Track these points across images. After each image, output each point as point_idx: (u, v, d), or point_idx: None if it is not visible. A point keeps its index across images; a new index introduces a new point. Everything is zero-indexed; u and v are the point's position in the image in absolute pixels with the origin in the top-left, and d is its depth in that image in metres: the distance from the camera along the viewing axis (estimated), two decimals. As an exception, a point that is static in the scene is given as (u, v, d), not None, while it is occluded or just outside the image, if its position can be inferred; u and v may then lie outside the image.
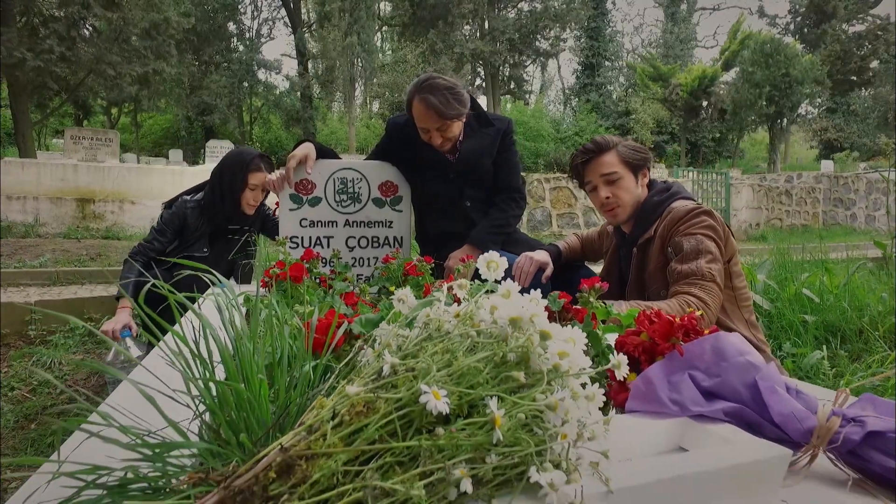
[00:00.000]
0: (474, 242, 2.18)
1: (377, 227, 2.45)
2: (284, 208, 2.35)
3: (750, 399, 0.65)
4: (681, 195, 1.73)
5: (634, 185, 1.75)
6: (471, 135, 2.27)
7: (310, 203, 2.37)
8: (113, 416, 0.54)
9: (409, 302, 0.64)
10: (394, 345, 0.59)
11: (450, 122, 2.09)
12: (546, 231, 8.71)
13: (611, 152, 1.75)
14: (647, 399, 0.67)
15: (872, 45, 27.55)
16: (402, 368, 0.47)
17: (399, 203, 2.46)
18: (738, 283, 1.66)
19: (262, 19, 32.41)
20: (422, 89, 2.07)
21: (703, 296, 1.48)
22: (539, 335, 0.51)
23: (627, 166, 1.74)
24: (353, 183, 2.40)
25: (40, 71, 10.29)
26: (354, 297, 1.44)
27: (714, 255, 1.54)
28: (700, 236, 1.56)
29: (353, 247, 2.43)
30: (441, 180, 2.31)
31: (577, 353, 0.54)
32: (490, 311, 0.56)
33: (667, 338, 0.70)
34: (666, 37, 35.35)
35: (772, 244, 10.09)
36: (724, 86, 26.48)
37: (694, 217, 1.59)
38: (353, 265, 2.43)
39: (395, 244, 2.47)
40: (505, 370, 0.51)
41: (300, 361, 0.68)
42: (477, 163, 2.27)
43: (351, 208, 2.41)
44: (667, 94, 26.46)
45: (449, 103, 2.04)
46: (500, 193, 2.33)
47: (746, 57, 23.21)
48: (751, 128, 26.51)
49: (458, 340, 0.52)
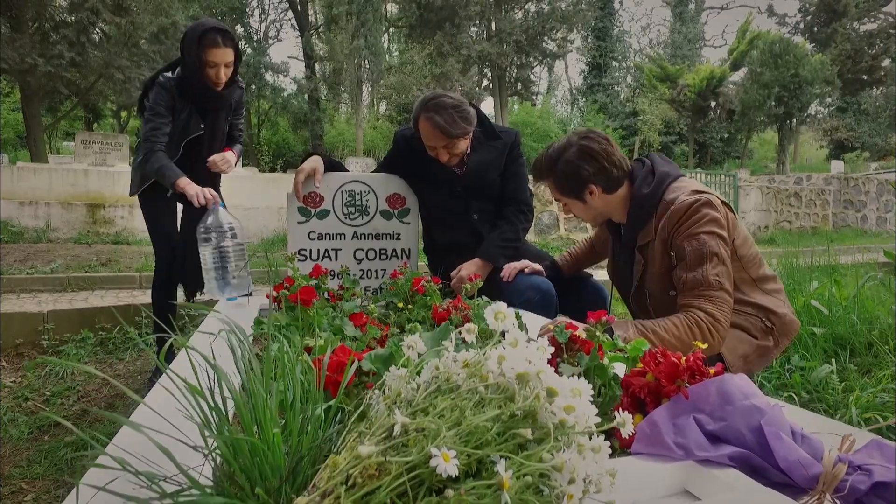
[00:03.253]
0: (484, 256, 2.19)
1: (385, 239, 2.47)
2: (293, 221, 2.37)
3: (755, 443, 0.66)
4: (670, 177, 1.65)
5: (584, 205, 1.74)
6: (478, 148, 2.28)
7: (318, 216, 2.39)
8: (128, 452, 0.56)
9: (418, 348, 0.65)
10: (403, 393, 0.60)
11: (456, 140, 2.10)
12: (553, 234, 8.70)
13: (548, 182, 1.77)
14: (652, 442, 0.68)
15: (884, 44, 27.28)
16: (412, 428, 0.48)
17: (407, 215, 2.48)
18: (743, 251, 1.64)
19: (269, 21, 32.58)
20: (428, 108, 2.08)
21: (713, 310, 1.46)
22: (546, 392, 0.52)
23: (567, 194, 1.74)
24: (361, 195, 2.42)
25: (51, 76, 10.41)
26: (363, 317, 1.46)
27: (720, 256, 1.51)
28: (703, 237, 1.51)
29: (360, 259, 2.45)
30: (448, 193, 2.32)
31: (584, 405, 0.55)
32: (498, 360, 0.58)
33: (672, 379, 0.71)
34: (674, 36, 35.20)
35: (781, 247, 10.03)
36: (732, 86, 26.31)
37: (695, 213, 1.53)
38: (361, 277, 2.45)
39: (402, 256, 2.49)
40: (512, 424, 0.52)
41: (312, 402, 0.70)
42: (484, 176, 2.28)
43: (359, 221, 2.43)
44: (674, 94, 26.33)
45: (455, 122, 2.06)
46: (508, 206, 2.34)
47: (755, 57, 23.05)
48: (759, 128, 26.34)
49: (467, 396, 0.53)
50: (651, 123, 25.35)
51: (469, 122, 2.12)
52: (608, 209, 1.75)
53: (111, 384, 2.56)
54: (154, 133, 2.34)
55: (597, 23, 29.25)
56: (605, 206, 1.74)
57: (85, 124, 21.97)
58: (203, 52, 2.27)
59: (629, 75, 34.88)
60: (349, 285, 1.96)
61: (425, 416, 0.52)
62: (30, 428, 2.16)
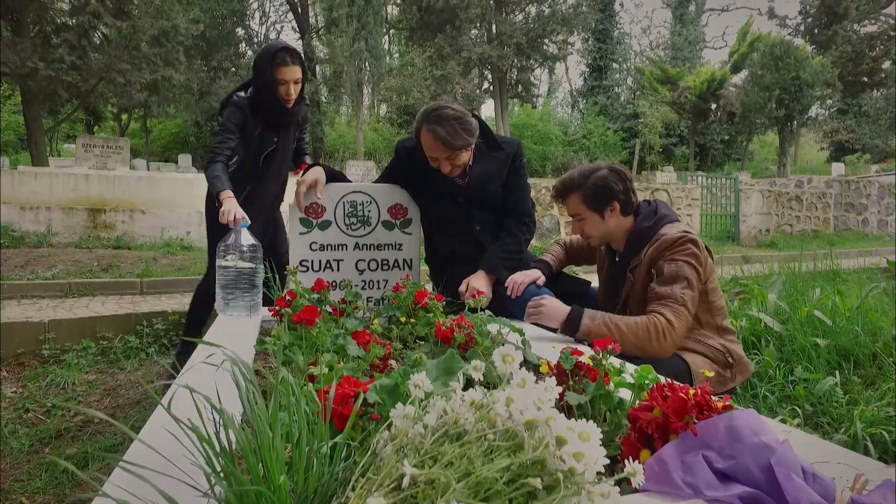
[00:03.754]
0: (487, 268, 2.19)
1: (387, 249, 2.46)
2: (295, 232, 2.37)
3: (765, 482, 0.65)
4: (668, 219, 1.88)
5: (601, 221, 1.93)
6: (480, 159, 2.28)
7: (320, 227, 2.38)
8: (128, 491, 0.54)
9: (424, 387, 0.65)
10: (410, 433, 0.59)
11: (458, 152, 2.10)
12: (554, 238, 8.70)
13: (574, 195, 1.94)
14: (660, 480, 0.67)
15: (885, 46, 27.27)
16: (421, 480, 0.48)
17: (409, 226, 2.47)
18: (713, 298, 1.85)
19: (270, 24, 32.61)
20: (430, 120, 2.08)
21: (672, 318, 1.66)
22: (556, 441, 0.51)
23: (591, 207, 1.92)
24: (363, 206, 2.42)
25: (52, 80, 10.40)
26: (366, 335, 1.45)
27: (691, 282, 1.72)
28: (681, 262, 1.74)
29: (362, 269, 2.45)
30: (450, 204, 2.32)
31: (593, 449, 0.54)
32: (506, 403, 0.57)
33: (680, 415, 0.71)
34: (674, 38, 35.19)
35: (783, 251, 10.02)
36: (732, 88, 26.30)
37: (681, 244, 1.77)
38: (363, 288, 2.44)
39: (404, 267, 2.48)
40: (521, 472, 0.52)
41: (318, 437, 0.69)
42: (486, 187, 2.28)
43: (361, 231, 2.43)
44: (675, 96, 26.32)
45: (457, 133, 2.05)
46: (510, 218, 2.33)
47: (756, 59, 23.02)
48: (760, 131, 26.31)
49: (476, 443, 0.52)
50: (652, 126, 25.33)
51: (471, 134, 2.12)
52: (615, 232, 1.95)
53: (111, 395, 2.56)
54: (219, 146, 2.47)
55: (597, 25, 29.24)
56: (615, 228, 1.94)
57: (86, 127, 21.99)
58: (274, 70, 2.42)
59: (629, 77, 34.87)
60: (351, 298, 1.95)
61: (434, 462, 0.52)
62: (31, 440, 2.16)
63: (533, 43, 23.41)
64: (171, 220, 7.39)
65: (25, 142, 14.93)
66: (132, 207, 7.41)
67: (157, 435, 0.73)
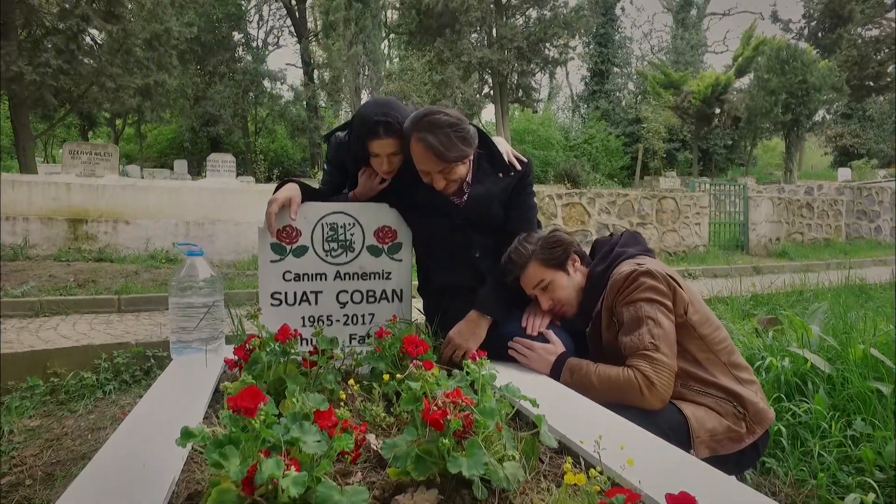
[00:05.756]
0: (482, 309, 1.84)
1: (373, 279, 2.10)
2: (265, 260, 2.01)
3: None
4: (625, 255, 1.74)
5: (567, 278, 1.81)
6: (481, 177, 1.93)
7: (294, 253, 2.02)
8: None
9: None
10: None
11: (453, 165, 1.75)
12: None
13: (532, 264, 1.79)
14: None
15: (890, 50, 26.96)
16: None
17: (398, 251, 2.11)
18: (705, 330, 1.64)
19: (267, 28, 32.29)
20: (419, 127, 1.73)
21: (648, 370, 1.51)
22: None
23: (552, 267, 1.79)
24: (345, 229, 2.05)
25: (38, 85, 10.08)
26: (331, 416, 1.10)
27: (657, 320, 1.56)
28: (640, 303, 1.59)
29: (345, 302, 2.08)
30: (446, 226, 1.97)
31: None
32: None
33: None
34: (676, 42, 34.92)
35: (795, 260, 9.64)
36: (737, 93, 25.97)
37: (632, 283, 1.62)
38: (345, 324, 2.08)
39: (393, 299, 2.12)
40: None
41: None
42: (488, 210, 1.93)
43: (342, 258, 2.06)
44: (679, 101, 26.00)
45: (452, 143, 1.71)
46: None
47: (762, 63, 22.68)
48: (765, 136, 25.98)
49: None
50: (655, 131, 24.99)
51: (469, 144, 1.77)
52: (580, 289, 1.81)
53: (53, 447, 2.20)
54: (322, 181, 2.31)
55: (598, 29, 28.98)
56: (578, 285, 1.81)
57: (80, 132, 21.67)
58: (367, 143, 2.03)
59: (631, 81, 34.59)
60: (325, 346, 1.60)
61: None
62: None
63: (534, 47, 23.13)
64: (156, 231, 7.04)
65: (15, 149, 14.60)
66: (116, 217, 7.06)
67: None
